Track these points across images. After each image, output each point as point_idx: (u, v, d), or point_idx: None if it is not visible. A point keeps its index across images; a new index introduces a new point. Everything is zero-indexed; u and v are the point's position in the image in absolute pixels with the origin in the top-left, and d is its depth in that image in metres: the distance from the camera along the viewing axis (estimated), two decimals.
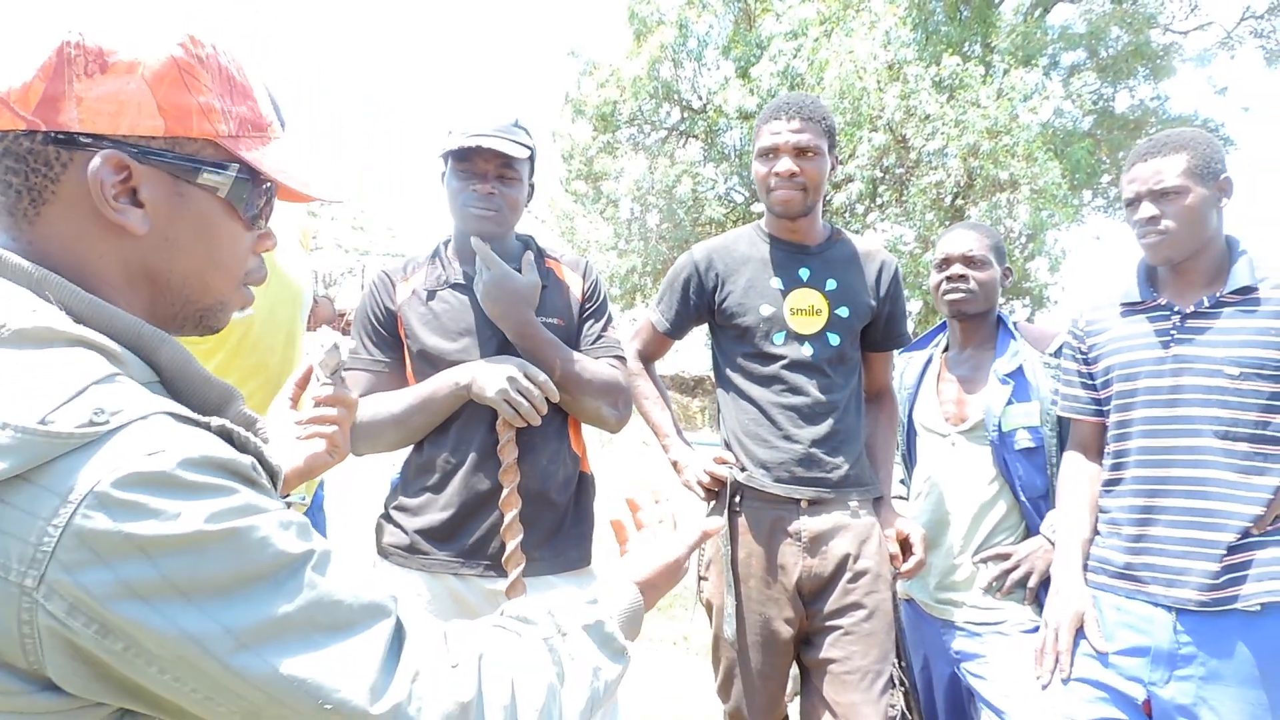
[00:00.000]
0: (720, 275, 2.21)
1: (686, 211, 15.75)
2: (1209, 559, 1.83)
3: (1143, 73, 16.40)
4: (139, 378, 0.77)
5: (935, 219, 13.26)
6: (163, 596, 0.66)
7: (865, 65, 12.40)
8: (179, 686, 0.68)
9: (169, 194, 0.82)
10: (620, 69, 15.86)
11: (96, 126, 0.77)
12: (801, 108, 2.11)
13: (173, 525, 0.66)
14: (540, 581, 1.88)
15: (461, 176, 1.89)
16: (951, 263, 2.37)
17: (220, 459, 0.72)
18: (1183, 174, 1.88)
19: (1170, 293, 1.99)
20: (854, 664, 2.03)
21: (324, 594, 0.73)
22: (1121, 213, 18.88)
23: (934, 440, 2.41)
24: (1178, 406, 1.90)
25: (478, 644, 0.83)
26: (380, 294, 1.98)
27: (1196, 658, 1.83)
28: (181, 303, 0.87)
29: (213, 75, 0.83)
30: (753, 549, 2.11)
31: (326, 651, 0.72)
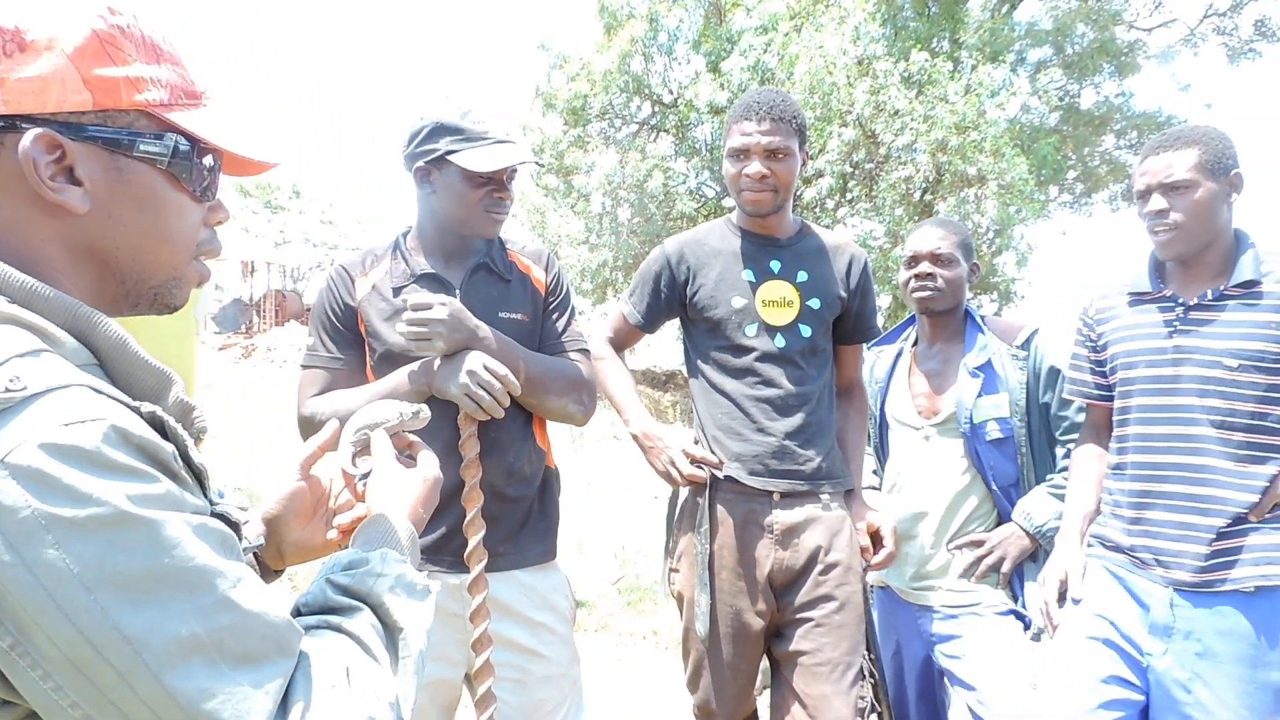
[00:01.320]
0: (692, 268, 2.21)
1: (658, 206, 15.74)
2: (1202, 542, 1.89)
3: (1108, 69, 16.61)
4: (74, 359, 0.74)
5: (905, 214, 13.35)
6: (64, 586, 0.62)
7: (835, 60, 12.45)
8: (59, 699, 0.64)
9: (107, 169, 0.80)
10: (591, 63, 15.80)
11: (23, 107, 0.75)
12: (772, 107, 2.10)
13: (86, 504, 0.63)
14: (505, 576, 1.87)
15: (479, 184, 1.85)
16: (920, 260, 2.41)
17: (142, 440, 0.69)
18: (1193, 168, 1.90)
19: (1177, 284, 2.02)
20: (825, 656, 2.04)
21: (237, 619, 0.69)
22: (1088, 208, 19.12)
23: (907, 434, 2.46)
24: (1177, 395, 1.94)
25: (340, 655, 0.80)
26: (339, 290, 1.93)
27: (1192, 633, 1.89)
28: (133, 280, 0.85)
29: (136, 44, 0.81)
30: (725, 542, 2.11)
31: (230, 683, 0.68)
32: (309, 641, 0.79)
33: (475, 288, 1.93)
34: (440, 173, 1.87)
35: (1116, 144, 17.73)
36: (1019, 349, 2.36)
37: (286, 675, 0.73)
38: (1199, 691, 1.87)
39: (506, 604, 1.86)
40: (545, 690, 1.89)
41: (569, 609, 2.00)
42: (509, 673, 1.84)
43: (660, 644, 4.61)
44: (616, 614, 5.03)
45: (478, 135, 1.84)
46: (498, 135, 1.85)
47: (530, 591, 1.91)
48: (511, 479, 1.89)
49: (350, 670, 0.78)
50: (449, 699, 1.89)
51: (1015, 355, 2.35)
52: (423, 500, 1.11)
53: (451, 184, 1.86)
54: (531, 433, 1.96)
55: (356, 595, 0.88)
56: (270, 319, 21.19)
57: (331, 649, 0.80)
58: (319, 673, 0.75)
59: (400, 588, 0.90)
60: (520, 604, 1.89)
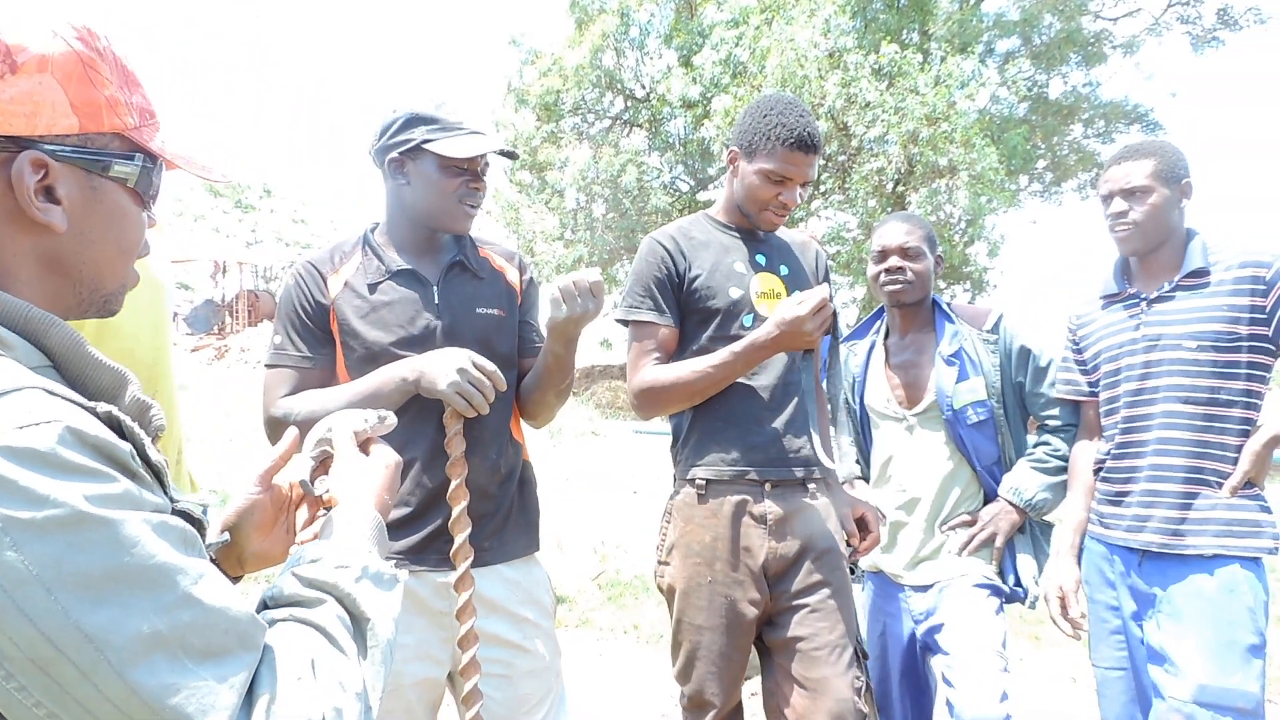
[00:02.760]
0: (687, 258, 2.20)
1: (632, 201, 15.75)
2: (1167, 508, 2.13)
3: (1075, 59, 16.81)
4: (27, 361, 0.75)
5: (877, 205, 13.46)
6: (24, 587, 0.62)
7: (806, 53, 12.52)
8: (22, 698, 0.64)
9: (84, 189, 0.82)
10: (562, 58, 15.78)
11: (13, 128, 0.77)
12: (818, 141, 2.11)
13: (43, 506, 0.63)
14: (490, 571, 1.87)
15: (454, 174, 1.84)
16: (888, 255, 2.48)
17: (99, 440, 0.69)
18: (1149, 176, 2.17)
19: (1140, 282, 2.27)
20: (822, 640, 2.06)
21: (199, 615, 0.70)
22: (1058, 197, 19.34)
23: (890, 425, 2.53)
24: (1149, 379, 2.19)
25: (305, 646, 0.80)
26: (309, 287, 1.89)
27: (1162, 595, 2.12)
28: (89, 290, 0.87)
29: (111, 67, 0.83)
30: (718, 533, 2.12)
31: (193, 678, 0.68)
32: (274, 635, 0.79)
33: (452, 284, 1.92)
34: (415, 163, 1.85)
35: (1085, 133, 17.95)
36: (989, 333, 2.45)
37: (251, 669, 0.73)
38: (1171, 649, 2.06)
39: (492, 600, 1.87)
40: (530, 684, 1.90)
41: (551, 603, 2.01)
42: (494, 668, 1.85)
43: (641, 638, 4.63)
44: (597, 609, 5.05)
45: (453, 125, 1.83)
46: (472, 126, 1.84)
47: (515, 587, 1.92)
48: (494, 475, 1.89)
49: (316, 662, 0.78)
50: (435, 697, 1.90)
51: (986, 339, 2.44)
52: (386, 487, 1.10)
53: (427, 174, 1.84)
54: (509, 428, 1.96)
55: (322, 587, 0.87)
56: (243, 319, 20.98)
57: (297, 641, 0.80)
58: (284, 665, 0.76)
59: (366, 578, 0.90)
60: (505, 599, 1.89)
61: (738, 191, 2.19)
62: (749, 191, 2.15)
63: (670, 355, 2.21)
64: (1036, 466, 2.40)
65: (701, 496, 2.14)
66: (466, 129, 1.83)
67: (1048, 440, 2.43)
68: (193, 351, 16.94)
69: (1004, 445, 2.43)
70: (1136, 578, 2.17)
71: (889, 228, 2.52)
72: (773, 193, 2.12)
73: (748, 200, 2.17)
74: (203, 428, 9.02)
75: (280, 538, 1.15)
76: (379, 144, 1.88)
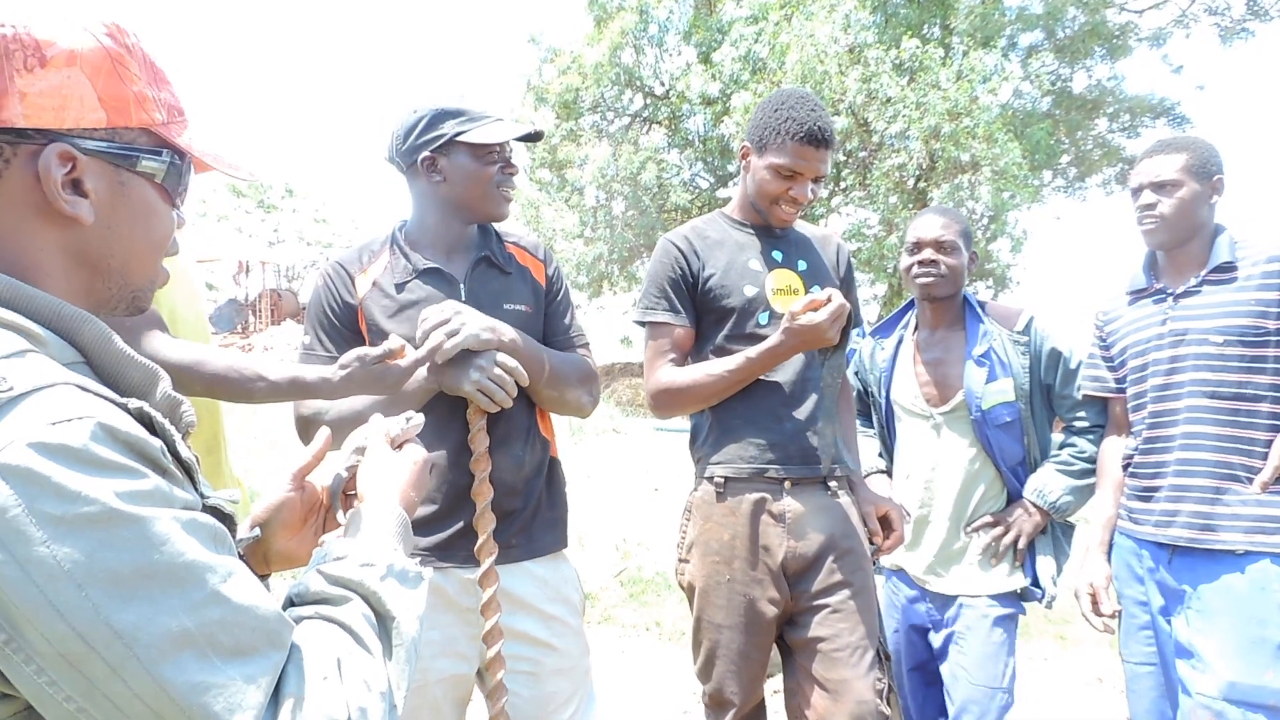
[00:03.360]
0: (702, 258, 2.20)
1: (652, 198, 15.74)
2: (1195, 502, 2.12)
3: (1099, 52, 16.60)
4: (60, 358, 0.76)
5: (899, 202, 13.37)
6: (56, 583, 0.63)
7: (826, 49, 12.45)
8: (53, 693, 0.65)
9: (111, 183, 0.83)
10: (581, 55, 15.79)
11: (41, 121, 0.77)
12: (831, 135, 2.10)
13: (75, 503, 0.64)
14: (518, 568, 1.87)
15: (491, 161, 1.87)
16: (923, 247, 2.48)
17: (130, 436, 0.70)
18: (1180, 170, 2.18)
19: (1167, 277, 2.27)
20: (843, 641, 2.05)
21: (228, 613, 0.70)
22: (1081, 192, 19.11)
23: (916, 422, 2.53)
24: (1176, 374, 2.18)
25: (331, 645, 0.80)
26: (337, 287, 1.91)
27: (1189, 592, 2.11)
28: (118, 285, 0.88)
29: (139, 63, 0.84)
30: (737, 531, 2.11)
31: (221, 676, 0.68)
32: (301, 633, 0.80)
33: (478, 281, 1.92)
34: (448, 158, 1.86)
35: (1109, 127, 17.73)
36: (1020, 334, 2.44)
37: (278, 668, 0.73)
38: (1199, 645, 2.05)
39: (520, 597, 1.87)
40: (557, 682, 1.90)
41: (579, 601, 2.01)
42: (522, 665, 1.84)
43: (663, 635, 4.62)
44: (619, 606, 5.05)
45: (480, 115, 1.85)
46: (497, 115, 1.87)
47: (543, 584, 1.91)
48: (520, 471, 1.89)
49: (342, 661, 0.79)
50: (463, 694, 1.90)
51: (1016, 340, 2.43)
52: (412, 484, 1.11)
53: (462, 166, 1.85)
54: (535, 424, 1.96)
55: (347, 585, 0.88)
56: (266, 318, 21.16)
57: (323, 640, 0.80)
58: (310, 665, 0.76)
59: (392, 575, 0.90)
60: (533, 597, 1.89)
61: (750, 187, 2.19)
62: (760, 187, 2.15)
63: (686, 355, 2.21)
64: (1062, 469, 2.40)
65: (720, 494, 2.14)
66: (493, 117, 1.85)
67: (1074, 442, 2.43)
68: None
69: (1029, 446, 2.44)
70: (1165, 573, 2.16)
71: (925, 220, 2.52)
72: (783, 188, 2.11)
73: (759, 196, 2.16)
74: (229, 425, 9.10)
75: (307, 539, 1.15)
76: (405, 145, 1.88)
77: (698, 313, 2.21)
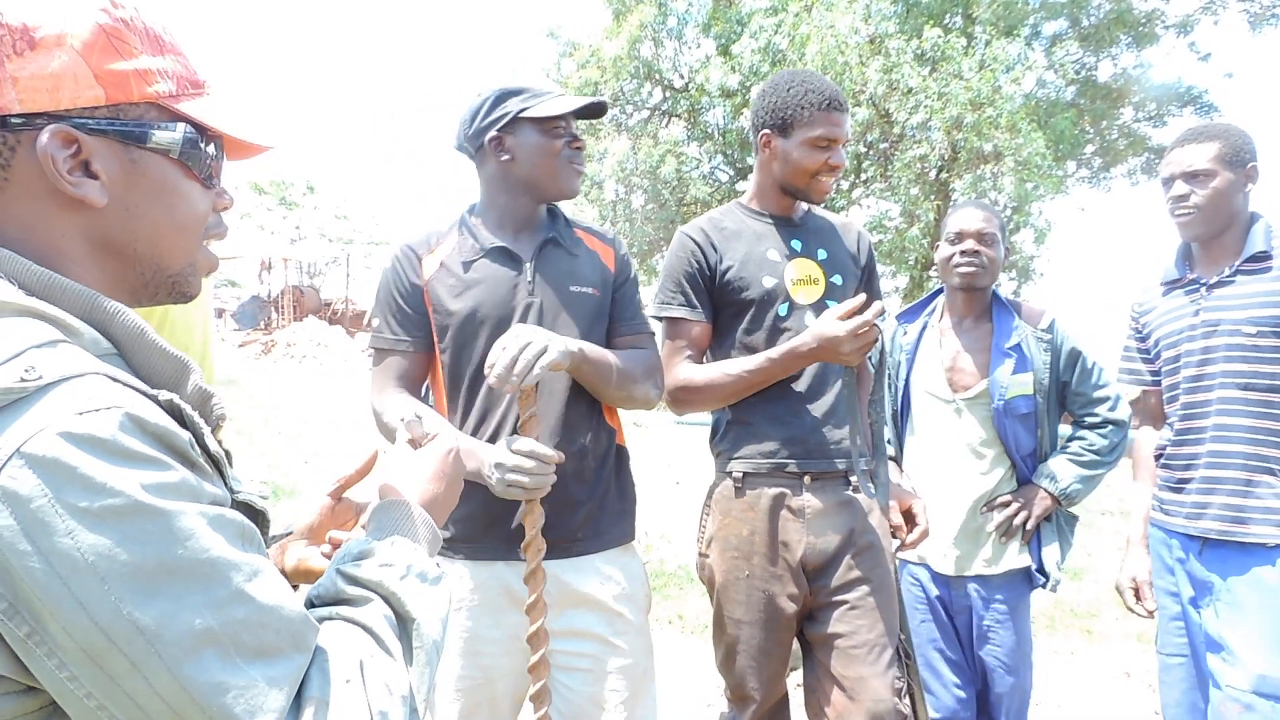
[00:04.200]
0: (719, 250, 2.18)
1: (671, 192, 15.70)
2: (1226, 494, 2.12)
3: (1125, 41, 16.35)
4: (94, 348, 0.75)
5: (920, 193, 13.25)
6: (78, 576, 0.62)
7: (847, 40, 12.35)
8: (74, 688, 0.64)
9: (122, 162, 0.81)
10: (600, 49, 15.76)
11: (37, 105, 0.75)
12: (845, 100, 2.15)
13: (100, 494, 0.63)
14: (584, 562, 1.84)
15: (557, 134, 1.87)
16: (965, 238, 2.55)
17: (159, 428, 0.69)
18: (1213, 159, 2.15)
19: (1201, 267, 2.27)
20: (861, 638, 2.03)
21: (252, 612, 0.69)
22: (1106, 183, 18.85)
23: (937, 405, 2.59)
24: (1209, 365, 2.18)
25: (354, 648, 0.79)
26: (405, 269, 1.90)
27: (1221, 582, 2.11)
28: (151, 270, 0.86)
29: (140, 37, 0.82)
30: (756, 526, 2.10)
31: (244, 678, 0.67)
32: (323, 635, 0.79)
33: (546, 261, 1.91)
34: (515, 136, 1.87)
35: (1135, 117, 17.48)
36: (1043, 331, 2.53)
37: (301, 671, 0.72)
38: (1229, 637, 2.05)
39: (586, 593, 1.83)
40: (617, 681, 1.86)
41: (645, 597, 1.96)
42: (582, 662, 1.82)
43: (685, 629, 4.62)
44: None
45: (542, 91, 1.86)
46: (560, 92, 1.88)
47: (609, 580, 1.87)
48: (585, 461, 1.87)
49: (364, 664, 0.78)
50: (523, 691, 1.85)
51: (1040, 337, 2.52)
52: (436, 475, 1.08)
53: (530, 142, 1.86)
54: (600, 412, 1.93)
55: (367, 586, 0.87)
56: (289, 315, 21.33)
57: (346, 643, 0.79)
58: (334, 668, 0.75)
59: (412, 575, 0.89)
60: (599, 593, 1.85)
61: (779, 171, 2.16)
62: (796, 166, 2.12)
63: (703, 351, 2.19)
64: (1072, 459, 2.49)
65: (739, 489, 2.12)
66: (555, 93, 1.87)
67: (1084, 435, 2.53)
68: (240, 346, 17.25)
69: (1041, 438, 2.54)
70: (1196, 564, 2.16)
71: (967, 213, 2.59)
72: (821, 159, 2.10)
73: (796, 175, 2.13)
74: (251, 421, 9.17)
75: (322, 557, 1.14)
76: (472, 129, 1.89)
77: (716, 306, 2.19)
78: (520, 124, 1.86)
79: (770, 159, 2.17)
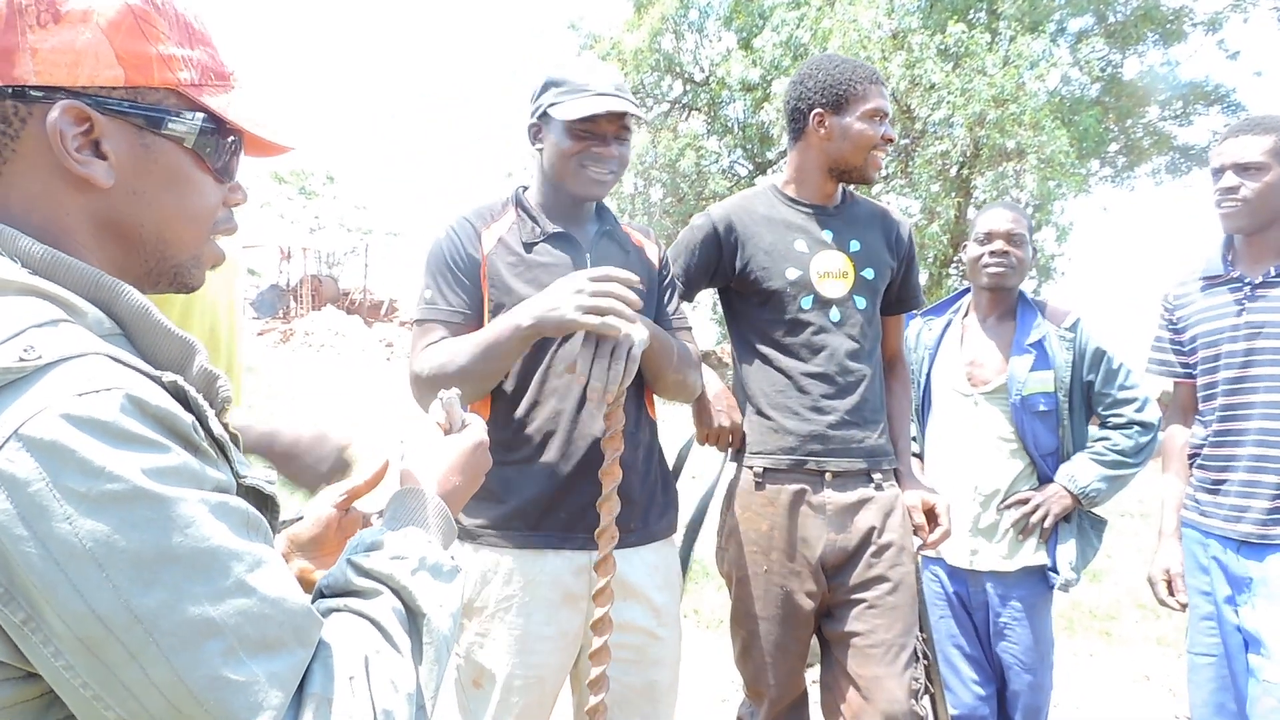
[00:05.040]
0: (740, 238, 2.15)
1: (690, 185, 15.65)
2: (1264, 499, 2.12)
3: (1152, 38, 16.16)
4: (97, 329, 0.73)
5: (941, 190, 13.15)
6: (76, 562, 0.60)
7: (869, 34, 12.26)
8: (70, 677, 0.63)
9: (134, 145, 0.80)
10: (621, 42, 15.71)
11: (54, 78, 0.74)
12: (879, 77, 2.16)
13: (99, 479, 0.61)
14: (632, 554, 1.82)
15: (582, 136, 1.79)
16: (995, 238, 2.56)
17: (160, 410, 0.67)
18: (1266, 152, 2.12)
19: (1244, 265, 2.23)
20: (878, 637, 2.01)
21: (255, 604, 0.67)
22: (1130, 182, 18.62)
23: (956, 400, 2.59)
24: (1252, 367, 2.15)
25: (360, 643, 0.77)
26: (462, 241, 1.85)
27: (1256, 582, 2.11)
28: (155, 258, 0.85)
29: (170, 22, 0.81)
30: (775, 522, 2.08)
31: (244, 672, 0.65)
32: (329, 627, 0.77)
33: (603, 252, 1.88)
34: (546, 128, 1.85)
35: (1161, 115, 17.28)
36: (1067, 330, 2.53)
37: (303, 665, 0.71)
38: (1265, 632, 2.04)
39: (633, 585, 1.82)
40: (659, 672, 1.87)
41: (680, 588, 1.98)
42: (625, 654, 1.80)
43: (701, 623, 4.61)
44: None
45: (579, 86, 1.78)
46: (600, 88, 1.78)
47: (654, 571, 1.87)
48: (636, 451, 1.85)
49: (370, 661, 0.76)
50: (561, 683, 1.85)
51: (1063, 336, 2.52)
52: (460, 467, 1.05)
53: (553, 139, 1.83)
54: (644, 404, 1.92)
55: (378, 578, 0.85)
56: (307, 304, 21.45)
57: (351, 636, 0.78)
58: (338, 664, 0.73)
59: (424, 569, 0.87)
60: (644, 585, 1.85)
61: (834, 150, 2.12)
62: (855, 141, 2.10)
63: None
64: (1095, 458, 2.48)
65: (759, 484, 2.10)
66: (591, 90, 1.77)
67: (1108, 436, 2.51)
68: (259, 335, 17.36)
69: (1064, 438, 2.53)
70: (1234, 559, 2.15)
71: (996, 213, 2.60)
72: (878, 132, 2.10)
73: (855, 150, 2.11)
74: (269, 409, 9.22)
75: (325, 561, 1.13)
76: (530, 111, 1.89)
77: (739, 293, 2.19)
78: (549, 118, 1.82)
79: (825, 138, 2.12)
